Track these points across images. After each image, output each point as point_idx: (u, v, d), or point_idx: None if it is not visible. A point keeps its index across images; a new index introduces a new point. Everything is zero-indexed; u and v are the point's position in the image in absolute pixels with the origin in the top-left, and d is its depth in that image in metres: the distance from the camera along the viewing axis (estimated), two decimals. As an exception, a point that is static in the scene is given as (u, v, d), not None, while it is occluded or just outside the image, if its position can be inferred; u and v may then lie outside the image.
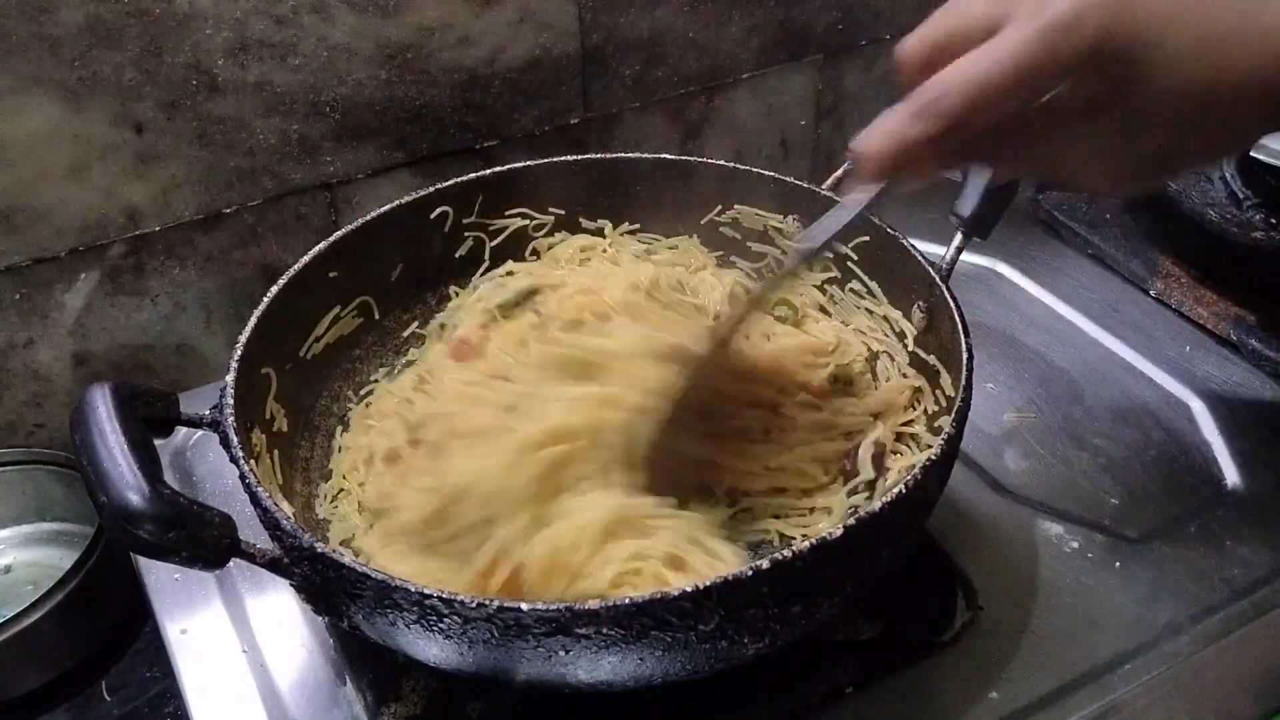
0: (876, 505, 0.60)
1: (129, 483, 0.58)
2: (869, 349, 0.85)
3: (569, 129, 1.07)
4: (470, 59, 0.99)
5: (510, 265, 0.91)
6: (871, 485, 0.76)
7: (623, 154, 0.92)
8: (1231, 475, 0.86)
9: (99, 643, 0.84)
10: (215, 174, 0.93)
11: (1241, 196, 0.87)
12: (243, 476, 0.65)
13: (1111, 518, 0.83)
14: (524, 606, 0.56)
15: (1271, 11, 0.52)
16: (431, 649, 0.61)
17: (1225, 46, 0.52)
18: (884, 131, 0.56)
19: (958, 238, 0.79)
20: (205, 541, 0.59)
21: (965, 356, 0.71)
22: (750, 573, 0.57)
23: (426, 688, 0.72)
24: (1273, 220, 0.88)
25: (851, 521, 0.59)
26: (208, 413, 0.70)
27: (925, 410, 0.79)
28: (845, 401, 0.81)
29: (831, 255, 0.85)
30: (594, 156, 0.91)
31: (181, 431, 0.78)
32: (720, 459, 0.76)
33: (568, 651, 0.58)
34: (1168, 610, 0.76)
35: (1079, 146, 0.56)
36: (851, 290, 0.87)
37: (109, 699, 0.82)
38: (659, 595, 0.56)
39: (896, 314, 0.83)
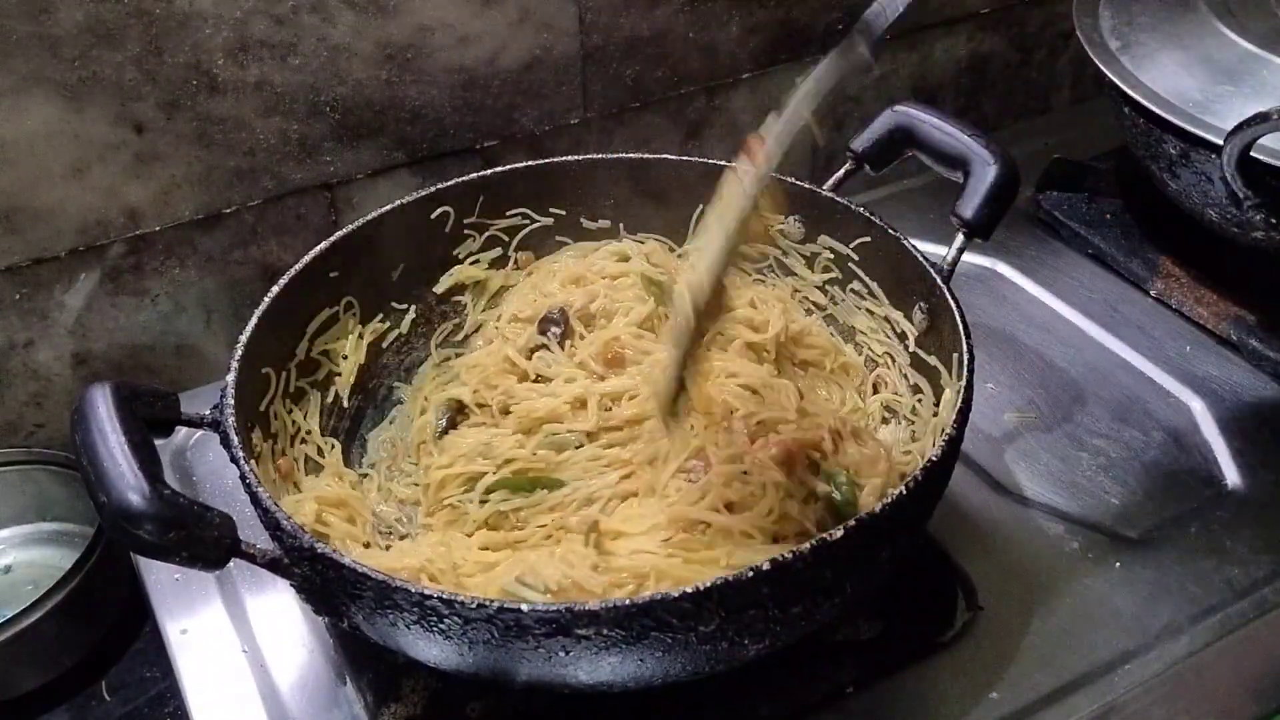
0: (877, 507, 0.60)
1: (129, 483, 0.58)
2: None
3: (569, 129, 1.07)
4: (470, 59, 0.99)
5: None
6: None
7: (623, 154, 0.92)
8: (1231, 475, 0.86)
9: (99, 643, 0.84)
10: (215, 174, 0.93)
11: (1241, 196, 0.86)
12: (243, 476, 0.65)
13: (1111, 518, 0.83)
14: (524, 607, 0.56)
15: None
16: (432, 649, 0.61)
17: None
18: None
19: (959, 238, 0.79)
20: (205, 541, 0.59)
21: (966, 357, 0.71)
22: (750, 573, 0.57)
23: (426, 688, 0.72)
24: (1273, 220, 0.88)
25: (852, 522, 0.59)
26: (208, 413, 0.70)
27: (926, 411, 0.79)
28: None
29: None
30: (594, 157, 0.91)
31: (181, 431, 0.78)
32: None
33: (568, 652, 0.58)
34: (1168, 610, 0.76)
35: None
36: (853, 291, 0.87)
37: (109, 699, 0.82)
38: (659, 596, 0.56)
39: (898, 315, 0.83)
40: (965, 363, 0.71)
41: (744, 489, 0.70)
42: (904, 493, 0.61)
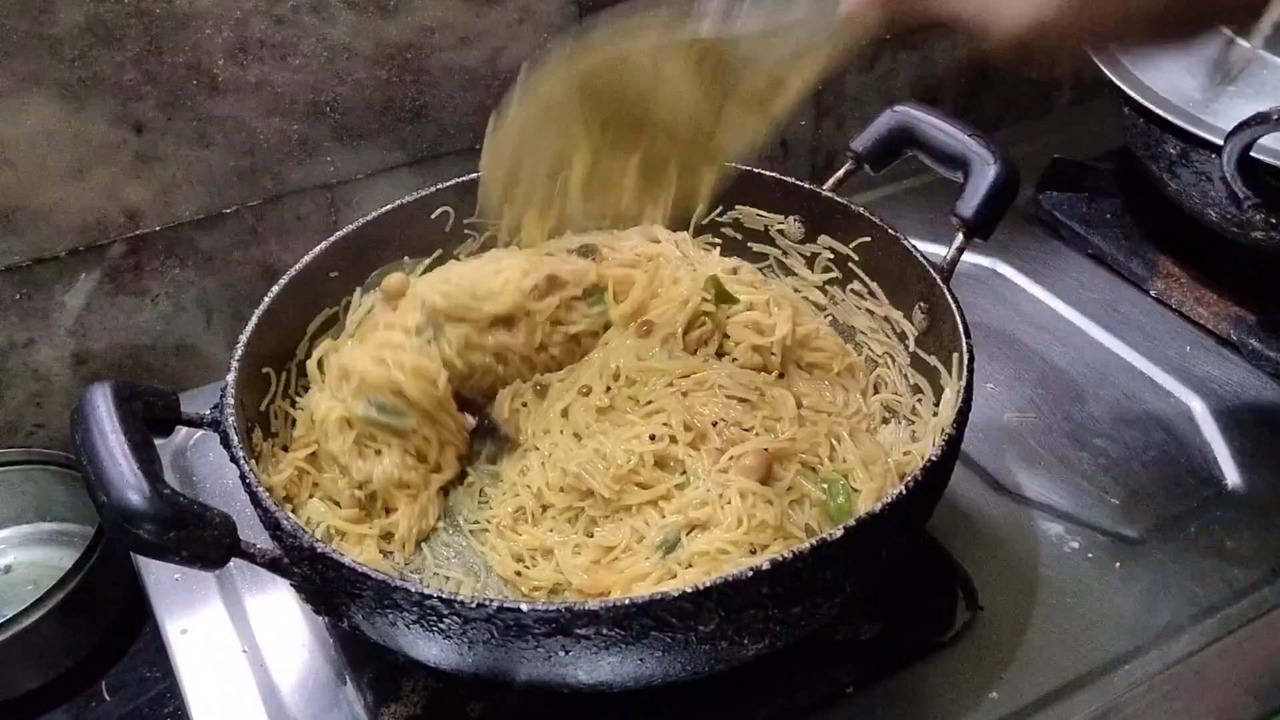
0: (877, 507, 0.60)
1: (129, 483, 0.58)
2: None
3: (569, 129, 1.07)
4: (470, 59, 0.99)
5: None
6: None
7: (623, 154, 0.92)
8: (1231, 475, 0.86)
9: (99, 643, 0.84)
10: (215, 174, 0.93)
11: (1241, 196, 0.86)
12: (243, 476, 0.65)
13: (1111, 518, 0.83)
14: (524, 607, 0.56)
15: None
16: (431, 649, 0.61)
17: None
18: None
19: (958, 238, 0.79)
20: (205, 541, 0.59)
21: (965, 357, 0.71)
22: (750, 573, 0.57)
23: (426, 688, 0.72)
24: (1273, 220, 0.88)
25: (852, 522, 0.59)
26: (208, 413, 0.70)
27: (926, 410, 0.79)
28: None
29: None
30: (594, 156, 0.91)
31: (181, 431, 0.78)
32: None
33: (567, 652, 0.58)
34: (1168, 610, 0.76)
35: None
36: (852, 291, 0.87)
37: (109, 699, 0.82)
38: (659, 596, 0.56)
39: (897, 315, 0.83)
40: (965, 363, 0.71)
41: (706, 507, 0.70)
42: (904, 493, 0.61)
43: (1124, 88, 0.94)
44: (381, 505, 0.77)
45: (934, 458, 0.64)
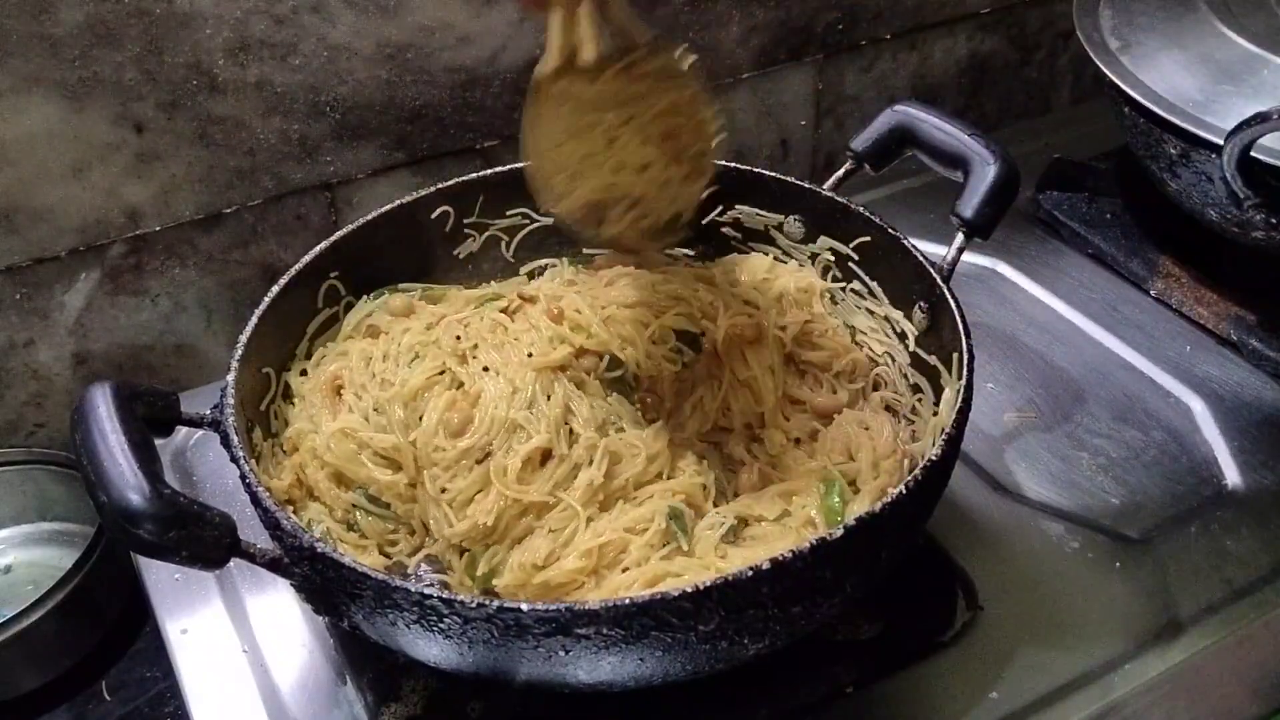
0: (877, 507, 0.60)
1: (129, 483, 0.58)
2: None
3: (569, 129, 1.07)
4: (470, 59, 0.99)
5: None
6: None
7: (623, 154, 0.92)
8: (1231, 475, 0.86)
9: (99, 643, 0.84)
10: (215, 174, 0.93)
11: (1241, 196, 0.86)
12: (243, 476, 0.65)
13: (1111, 518, 0.83)
14: (524, 607, 0.56)
15: None
16: (432, 649, 0.61)
17: None
18: None
19: (959, 238, 0.79)
20: (205, 541, 0.59)
21: (966, 357, 0.71)
22: (750, 573, 0.57)
23: (426, 688, 0.72)
24: (1273, 220, 0.88)
25: (852, 523, 0.59)
26: (208, 413, 0.70)
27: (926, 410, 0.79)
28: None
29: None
30: (594, 156, 0.91)
31: (181, 431, 0.78)
32: None
33: (567, 652, 0.58)
34: (1168, 610, 0.76)
35: None
36: (853, 291, 0.87)
37: (109, 699, 0.82)
38: (659, 596, 0.56)
39: (898, 314, 0.83)
40: (965, 362, 0.71)
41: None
42: (904, 493, 0.61)
43: (1124, 88, 0.94)
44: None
45: (934, 458, 0.64)
